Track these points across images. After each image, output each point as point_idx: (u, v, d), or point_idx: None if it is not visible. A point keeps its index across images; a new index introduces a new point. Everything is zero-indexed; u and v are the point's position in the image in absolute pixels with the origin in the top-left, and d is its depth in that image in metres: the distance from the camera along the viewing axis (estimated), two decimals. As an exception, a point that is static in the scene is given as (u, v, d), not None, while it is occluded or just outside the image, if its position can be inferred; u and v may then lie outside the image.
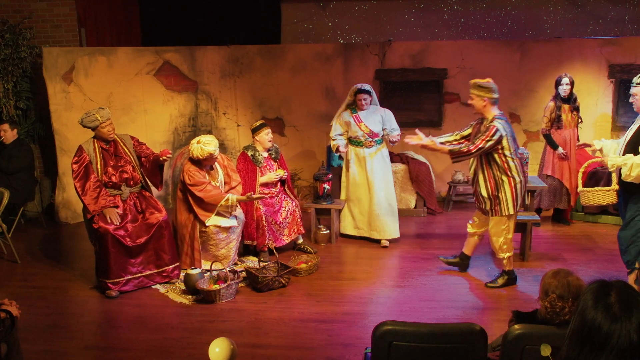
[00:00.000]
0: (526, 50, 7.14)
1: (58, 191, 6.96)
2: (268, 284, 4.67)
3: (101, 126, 4.67)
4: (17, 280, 5.16)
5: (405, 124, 7.57)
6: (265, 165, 5.53)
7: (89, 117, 4.65)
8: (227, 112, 7.71)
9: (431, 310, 4.28)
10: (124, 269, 4.68)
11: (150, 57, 7.22)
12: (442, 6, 8.41)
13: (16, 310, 2.57)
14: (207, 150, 4.88)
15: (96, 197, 4.59)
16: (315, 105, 7.60)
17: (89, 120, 4.65)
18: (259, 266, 4.95)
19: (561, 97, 5.95)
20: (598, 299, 1.62)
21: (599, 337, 1.58)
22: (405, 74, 7.39)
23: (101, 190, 4.63)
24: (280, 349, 3.74)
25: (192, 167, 4.96)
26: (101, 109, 4.71)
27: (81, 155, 4.67)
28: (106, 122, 4.68)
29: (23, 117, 7.19)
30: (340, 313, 4.26)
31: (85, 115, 4.69)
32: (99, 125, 4.66)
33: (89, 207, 4.60)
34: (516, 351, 2.28)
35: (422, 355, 2.36)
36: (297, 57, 7.53)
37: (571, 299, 2.37)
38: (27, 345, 3.59)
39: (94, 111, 4.69)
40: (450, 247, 5.69)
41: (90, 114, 4.67)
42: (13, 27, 6.94)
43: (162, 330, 4.06)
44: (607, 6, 8.07)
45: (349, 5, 8.55)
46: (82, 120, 4.69)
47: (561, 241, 5.85)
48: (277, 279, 4.71)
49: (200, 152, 4.87)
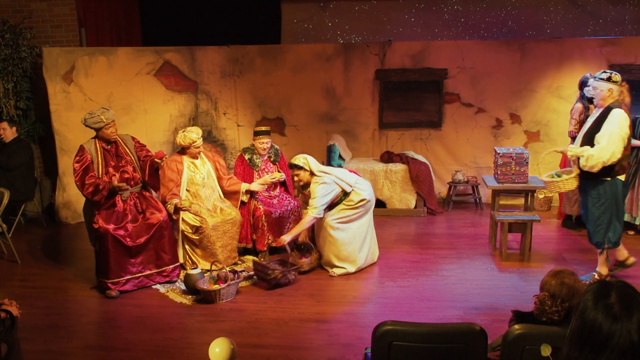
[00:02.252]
0: (526, 50, 7.13)
1: (58, 191, 6.96)
2: (277, 277, 4.65)
3: (105, 127, 4.65)
4: (17, 280, 5.17)
5: (405, 124, 7.61)
6: (263, 168, 5.53)
7: (93, 118, 4.62)
8: (227, 112, 7.71)
9: (431, 310, 4.28)
10: (124, 268, 4.67)
11: (151, 57, 7.22)
12: (442, 6, 8.41)
13: (16, 310, 2.58)
14: (190, 137, 5.10)
15: (95, 189, 4.57)
16: (315, 105, 7.60)
17: (93, 121, 4.62)
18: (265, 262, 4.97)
19: (587, 98, 5.68)
20: (598, 299, 1.62)
21: (600, 338, 1.58)
22: (405, 74, 7.39)
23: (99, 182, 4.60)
24: (280, 349, 3.74)
25: (171, 162, 5.12)
26: (105, 110, 4.68)
27: (83, 155, 4.65)
28: (110, 124, 4.67)
29: (23, 117, 7.19)
30: (340, 313, 4.26)
31: (88, 115, 4.65)
32: (103, 127, 4.65)
33: (95, 196, 4.54)
34: (516, 351, 2.28)
35: (422, 355, 2.36)
36: (297, 57, 7.53)
37: (561, 300, 2.40)
38: (27, 345, 3.59)
39: (98, 112, 4.64)
40: (451, 247, 5.70)
41: (95, 114, 4.63)
42: (13, 27, 6.94)
43: (162, 330, 4.06)
44: (607, 6, 8.06)
45: (349, 5, 8.55)
46: (85, 121, 4.64)
47: (561, 241, 5.85)
48: (286, 274, 4.70)
49: (183, 139, 5.11)
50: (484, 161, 7.36)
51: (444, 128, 7.46)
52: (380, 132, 7.62)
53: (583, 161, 4.29)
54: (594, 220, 4.46)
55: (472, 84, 7.29)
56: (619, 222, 4.46)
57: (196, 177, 5.19)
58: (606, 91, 4.33)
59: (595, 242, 4.56)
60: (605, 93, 4.33)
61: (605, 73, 4.37)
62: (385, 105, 7.53)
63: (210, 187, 5.26)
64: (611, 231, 4.44)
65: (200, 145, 5.19)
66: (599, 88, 4.36)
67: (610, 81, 4.32)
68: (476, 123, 7.37)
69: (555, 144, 7.13)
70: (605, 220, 4.42)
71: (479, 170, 7.36)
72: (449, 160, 7.52)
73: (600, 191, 4.38)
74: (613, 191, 4.36)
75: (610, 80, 4.31)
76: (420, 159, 7.06)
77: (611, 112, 4.26)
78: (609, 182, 4.34)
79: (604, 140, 4.21)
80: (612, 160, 4.21)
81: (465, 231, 6.23)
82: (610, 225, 4.43)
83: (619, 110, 4.27)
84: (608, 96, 4.33)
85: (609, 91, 4.32)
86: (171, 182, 5.04)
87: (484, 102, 7.31)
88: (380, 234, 6.09)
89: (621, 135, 4.21)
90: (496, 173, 5.55)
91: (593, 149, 4.24)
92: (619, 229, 4.47)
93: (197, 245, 5.08)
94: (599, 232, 4.48)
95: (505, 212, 5.52)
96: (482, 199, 7.18)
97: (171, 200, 4.98)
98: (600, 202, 4.40)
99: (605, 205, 4.39)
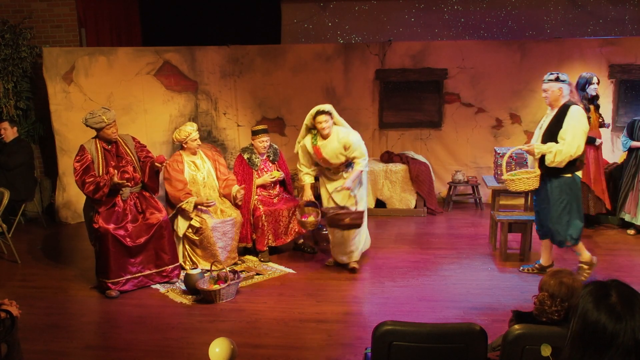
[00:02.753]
0: (526, 50, 7.14)
1: (58, 191, 6.96)
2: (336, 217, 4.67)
3: (106, 127, 4.64)
4: (17, 280, 5.17)
5: (405, 124, 7.61)
6: (262, 168, 5.53)
7: (95, 118, 4.60)
8: (227, 112, 7.71)
9: (431, 310, 4.28)
10: (123, 268, 4.67)
11: (150, 57, 7.22)
12: (442, 6, 8.41)
13: (16, 310, 2.57)
14: (185, 130, 5.13)
15: (96, 187, 4.56)
16: (315, 105, 7.55)
17: (94, 121, 4.60)
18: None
19: (587, 98, 5.76)
20: (599, 300, 1.61)
21: (604, 338, 1.58)
22: (405, 74, 7.39)
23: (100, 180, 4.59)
24: (280, 349, 3.74)
25: (173, 163, 5.11)
26: (107, 111, 4.67)
27: (83, 155, 4.64)
28: (112, 124, 4.66)
29: (23, 117, 7.19)
30: (340, 313, 4.26)
31: (89, 115, 4.63)
32: (105, 127, 4.64)
33: (96, 194, 4.53)
34: (516, 351, 2.28)
35: (422, 355, 2.36)
36: (297, 57, 7.53)
37: (560, 300, 2.40)
38: (27, 345, 3.59)
39: (99, 112, 4.63)
40: (450, 247, 5.69)
41: (96, 114, 4.61)
42: (13, 27, 6.94)
43: (162, 330, 4.06)
44: (607, 6, 8.06)
45: (349, 5, 8.55)
46: (86, 121, 4.63)
47: (561, 241, 5.85)
48: (346, 215, 4.67)
49: (178, 134, 5.16)
50: (484, 161, 7.36)
51: (444, 128, 7.46)
52: (380, 132, 7.62)
53: (551, 157, 4.36)
54: (556, 218, 4.52)
55: (472, 84, 7.29)
56: (579, 219, 4.55)
57: (197, 176, 5.19)
58: (557, 90, 4.44)
59: (558, 240, 4.61)
60: (557, 92, 4.45)
61: (552, 74, 4.50)
62: (385, 105, 7.53)
63: (211, 187, 5.26)
64: (572, 228, 4.52)
65: (197, 138, 5.18)
66: (549, 89, 4.48)
67: (558, 81, 4.44)
68: (476, 123, 7.37)
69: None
70: (565, 217, 4.50)
71: (479, 170, 7.36)
72: (449, 160, 7.52)
73: (562, 188, 4.47)
74: (573, 188, 4.48)
75: (558, 79, 4.44)
76: (420, 159, 7.06)
77: (570, 109, 4.40)
78: (570, 178, 4.46)
79: (569, 135, 4.33)
80: (578, 154, 4.35)
81: (465, 231, 6.22)
82: (571, 223, 4.51)
83: (577, 106, 4.45)
84: (559, 95, 4.46)
85: (559, 90, 4.44)
86: (180, 183, 5.04)
87: (484, 102, 7.31)
88: (380, 234, 6.11)
89: (583, 129, 4.38)
90: (496, 173, 5.55)
91: (560, 145, 4.35)
92: (579, 226, 4.55)
93: (197, 245, 5.09)
94: (561, 230, 4.54)
95: (505, 212, 5.52)
96: (482, 199, 7.18)
97: (188, 199, 4.97)
98: (561, 200, 4.48)
99: (565, 202, 4.48)
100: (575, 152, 4.34)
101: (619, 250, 5.50)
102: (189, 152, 5.23)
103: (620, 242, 5.74)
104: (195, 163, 5.24)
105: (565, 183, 4.47)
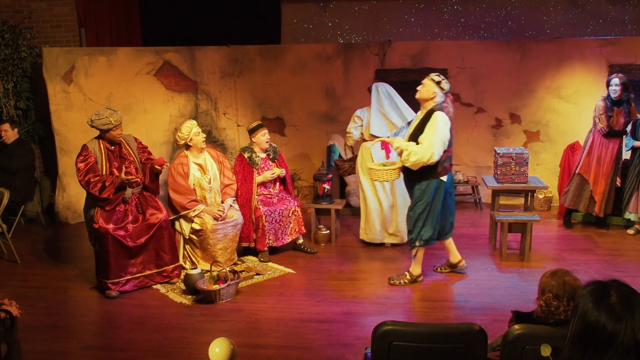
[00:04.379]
0: (526, 50, 7.14)
1: (58, 191, 6.96)
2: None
3: (113, 129, 4.62)
4: (17, 280, 5.17)
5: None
6: (262, 167, 5.52)
7: (102, 120, 4.56)
8: (227, 112, 7.71)
9: (431, 310, 4.28)
10: (124, 269, 4.67)
11: (150, 57, 7.22)
12: (442, 6, 8.41)
13: (16, 310, 2.58)
14: (186, 127, 5.10)
15: (102, 185, 4.54)
16: (315, 105, 7.59)
17: (101, 122, 4.57)
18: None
19: (612, 99, 5.70)
20: (599, 300, 1.62)
21: (604, 338, 1.58)
22: (405, 74, 7.38)
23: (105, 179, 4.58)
24: (280, 349, 3.74)
25: (178, 166, 5.07)
26: (114, 112, 4.62)
27: (87, 155, 4.60)
28: (118, 126, 4.64)
29: (23, 117, 7.19)
30: (340, 313, 4.26)
31: (96, 116, 4.58)
32: (111, 129, 4.62)
33: (103, 193, 4.52)
34: (516, 351, 2.28)
35: (422, 355, 2.36)
36: (297, 57, 7.53)
37: (566, 299, 2.39)
38: (27, 345, 3.59)
39: (106, 113, 4.58)
40: (450, 247, 5.69)
41: (102, 116, 4.57)
42: (13, 27, 6.94)
43: (162, 330, 4.06)
44: (607, 6, 8.07)
45: (349, 5, 8.55)
46: (92, 121, 4.59)
47: (561, 241, 5.85)
48: None
49: (180, 133, 5.11)
50: (484, 161, 7.36)
51: (443, 128, 7.45)
52: (380, 132, 7.60)
53: (405, 155, 4.36)
54: (414, 218, 4.57)
55: (472, 84, 7.29)
56: (436, 221, 4.56)
57: (203, 181, 5.16)
58: (431, 92, 4.45)
59: (410, 238, 4.69)
60: (430, 94, 4.45)
61: (438, 77, 4.50)
62: (385, 105, 7.51)
63: (216, 190, 5.24)
64: (425, 230, 4.55)
65: (200, 132, 5.14)
66: (426, 86, 4.48)
67: (438, 85, 4.44)
68: (476, 123, 7.37)
69: (554, 144, 7.15)
70: (422, 219, 4.53)
71: (479, 170, 7.36)
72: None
73: (423, 190, 4.49)
74: (433, 192, 4.48)
75: (438, 85, 4.44)
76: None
77: (434, 115, 4.40)
78: (431, 182, 4.47)
79: (426, 141, 4.33)
80: (431, 161, 4.32)
81: (465, 231, 6.22)
82: (425, 225, 4.54)
83: (442, 113, 4.41)
84: (430, 98, 4.45)
85: (433, 94, 4.44)
86: (184, 188, 5.02)
87: (483, 102, 7.31)
88: (380, 234, 6.10)
89: (442, 138, 4.35)
90: (496, 173, 5.55)
91: (417, 147, 4.36)
92: (432, 229, 4.56)
93: (197, 246, 5.09)
94: (415, 230, 4.59)
95: (505, 212, 5.52)
96: (482, 199, 7.18)
97: (195, 207, 4.99)
98: (421, 201, 4.51)
99: (424, 204, 4.50)
100: (429, 159, 4.30)
101: (619, 250, 5.49)
102: (195, 151, 5.16)
103: (620, 242, 5.74)
104: (201, 166, 5.19)
105: (425, 187, 4.48)
